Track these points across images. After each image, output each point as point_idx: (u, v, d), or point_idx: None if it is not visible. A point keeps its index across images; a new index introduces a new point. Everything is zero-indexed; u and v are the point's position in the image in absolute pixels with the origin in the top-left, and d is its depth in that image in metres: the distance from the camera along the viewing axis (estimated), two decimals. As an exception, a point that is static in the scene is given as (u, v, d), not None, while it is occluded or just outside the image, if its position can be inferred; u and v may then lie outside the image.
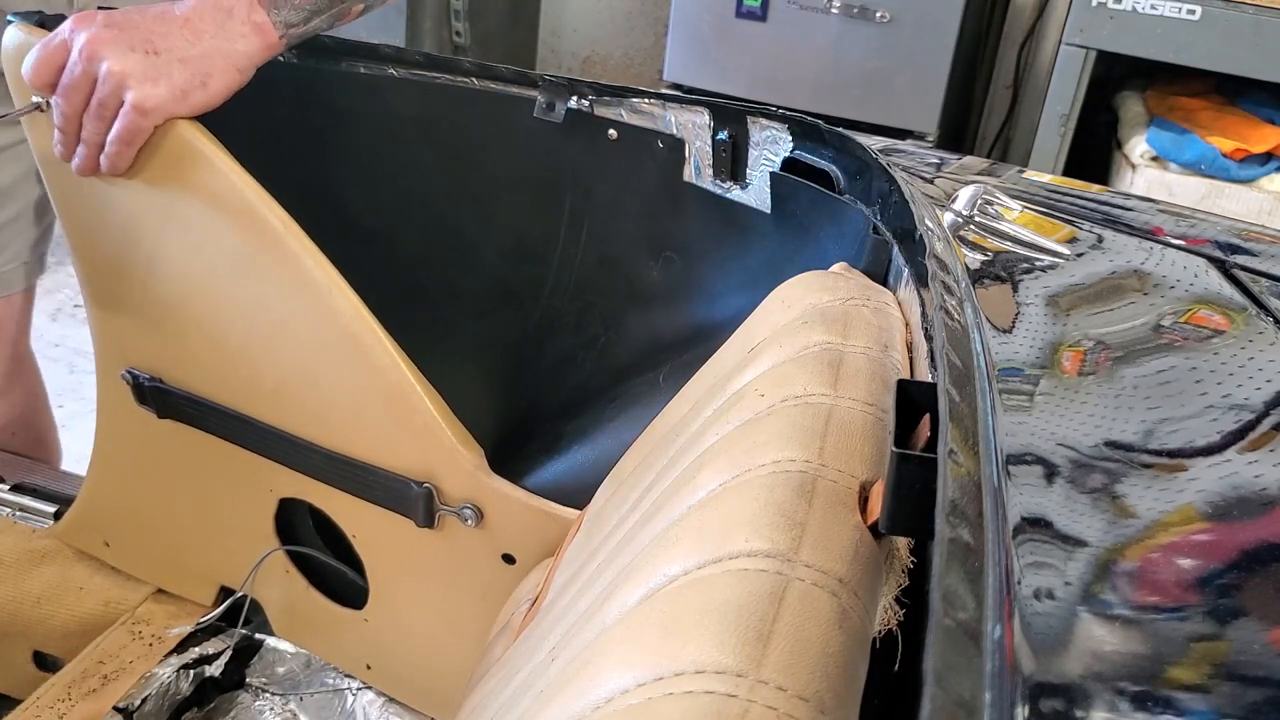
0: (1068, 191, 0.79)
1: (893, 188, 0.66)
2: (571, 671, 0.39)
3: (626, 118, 0.82)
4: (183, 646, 0.96)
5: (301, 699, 0.97)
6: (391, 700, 0.95)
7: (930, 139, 1.93)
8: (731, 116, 0.78)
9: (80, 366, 2.13)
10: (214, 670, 0.96)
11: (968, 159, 0.89)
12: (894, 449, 0.38)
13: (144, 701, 0.91)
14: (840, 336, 0.52)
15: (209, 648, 0.97)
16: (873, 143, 0.72)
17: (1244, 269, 0.62)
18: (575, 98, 0.82)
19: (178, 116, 0.73)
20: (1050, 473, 0.37)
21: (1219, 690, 0.28)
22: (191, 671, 0.95)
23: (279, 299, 0.78)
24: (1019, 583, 0.31)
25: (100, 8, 0.82)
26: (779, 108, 0.77)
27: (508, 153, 0.87)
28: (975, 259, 0.60)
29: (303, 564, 0.95)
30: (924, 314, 0.53)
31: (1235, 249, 0.67)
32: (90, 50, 0.71)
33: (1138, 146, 1.66)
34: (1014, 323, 0.52)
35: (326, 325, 0.77)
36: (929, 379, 0.47)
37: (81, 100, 0.72)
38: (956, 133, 2.21)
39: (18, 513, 1.04)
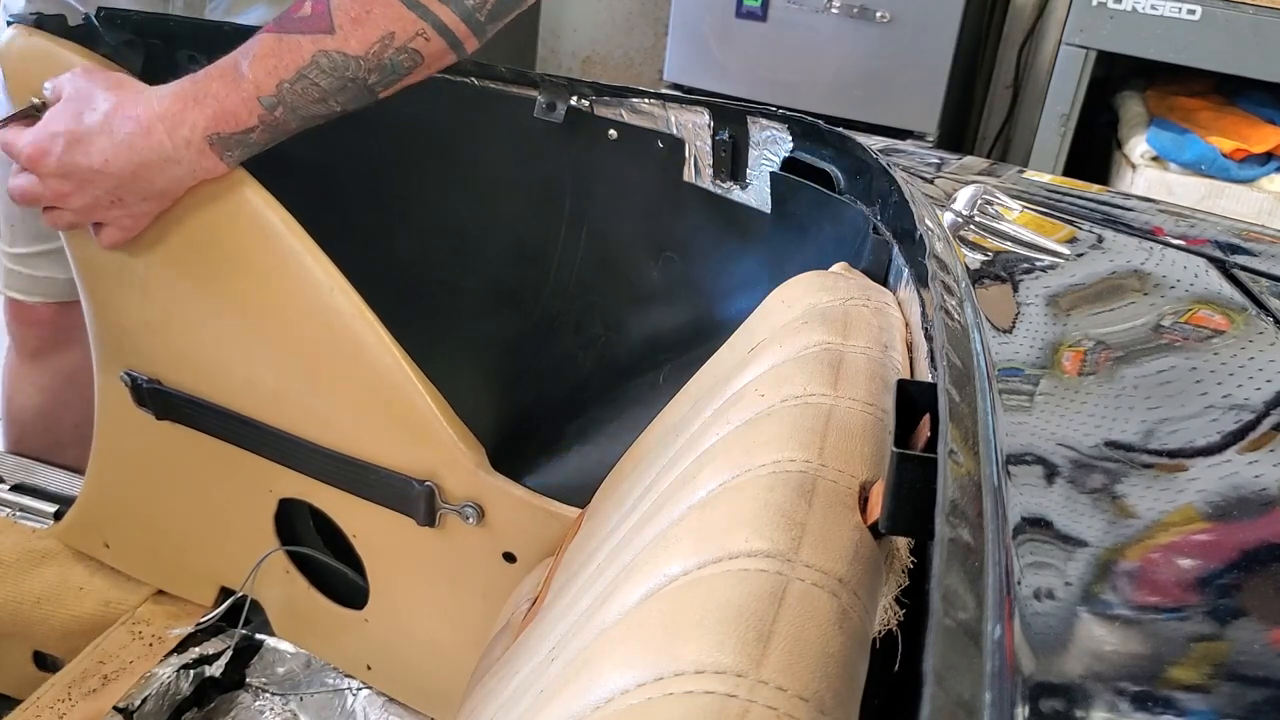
0: (1068, 191, 0.79)
1: (893, 188, 0.66)
2: (571, 671, 0.39)
3: (626, 118, 0.82)
4: (183, 646, 0.96)
5: (301, 699, 0.97)
6: (391, 700, 0.95)
7: (930, 139, 1.93)
8: (731, 116, 0.78)
9: (80, 366, 2.13)
10: (214, 670, 0.96)
11: (968, 159, 0.89)
12: (894, 449, 0.38)
13: (144, 701, 0.91)
14: (840, 336, 0.52)
15: (209, 648, 0.97)
16: (873, 143, 0.72)
17: (1244, 269, 0.62)
18: (575, 98, 0.82)
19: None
20: (1050, 473, 0.37)
21: (1219, 690, 0.28)
22: (191, 671, 0.95)
23: (279, 299, 0.78)
24: (1019, 583, 0.31)
25: (100, 8, 0.82)
26: (779, 108, 0.77)
27: (508, 153, 0.86)
28: (975, 259, 0.60)
29: (303, 564, 0.95)
30: (924, 314, 0.53)
31: (1235, 249, 0.67)
32: (56, 191, 0.74)
33: (1138, 146, 1.66)
34: (1014, 323, 0.52)
35: (327, 325, 0.77)
36: (929, 379, 0.47)
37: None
38: (956, 133, 2.21)
39: (18, 513, 1.04)
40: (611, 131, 0.82)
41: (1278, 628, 0.30)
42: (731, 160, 0.79)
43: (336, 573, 0.95)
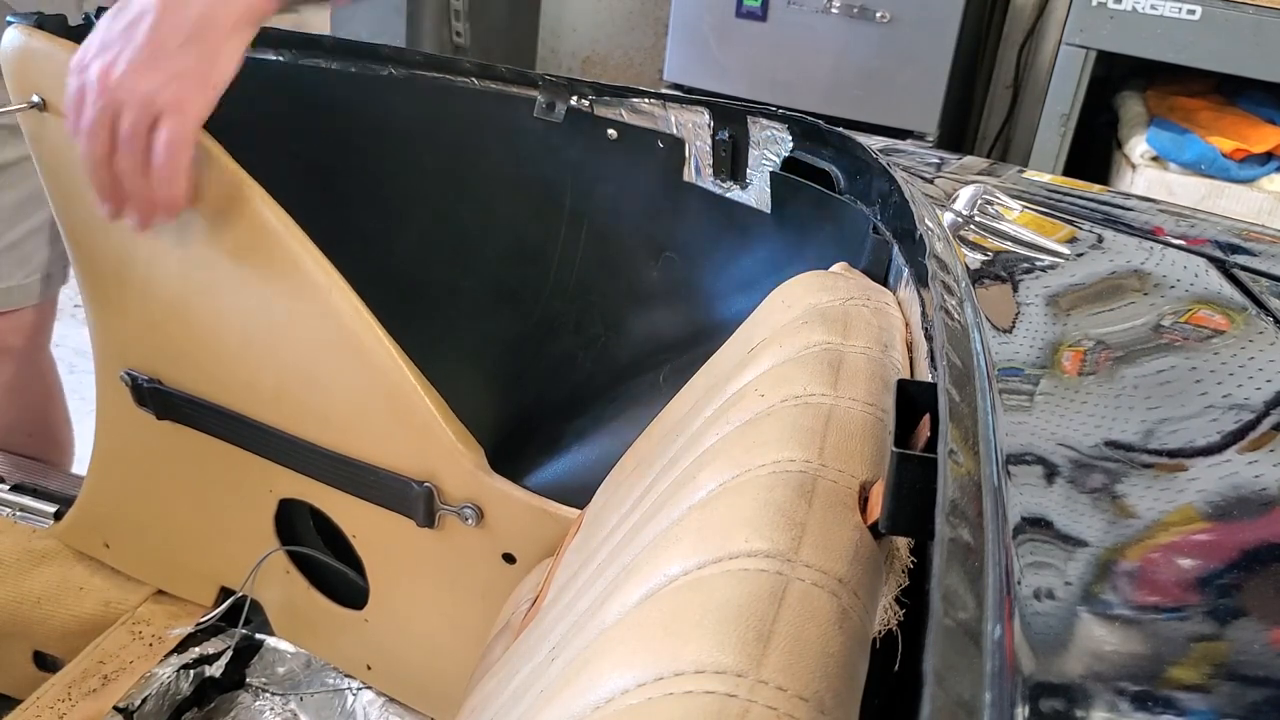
0: (1068, 191, 0.79)
1: (893, 188, 0.66)
2: (571, 671, 0.39)
3: (626, 118, 0.82)
4: (183, 646, 0.96)
5: (301, 699, 0.97)
6: (391, 700, 0.95)
7: (930, 139, 1.93)
8: (731, 116, 0.78)
9: (80, 366, 2.13)
10: (214, 670, 0.96)
11: (968, 159, 0.89)
12: (894, 449, 0.38)
13: (144, 701, 0.91)
14: (840, 336, 0.52)
15: (209, 648, 0.97)
16: (873, 143, 0.72)
17: (1244, 269, 0.62)
18: (575, 98, 0.82)
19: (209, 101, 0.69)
20: (1050, 473, 0.37)
21: (1219, 690, 0.28)
22: (191, 671, 0.95)
23: (279, 299, 0.78)
24: (1019, 583, 0.31)
25: (101, 8, 0.82)
26: (779, 108, 0.77)
27: (508, 153, 0.86)
28: (975, 259, 0.60)
29: (303, 564, 0.95)
30: (924, 314, 0.53)
31: (1235, 249, 0.67)
32: (101, 87, 0.67)
33: (1138, 146, 1.66)
34: (1014, 323, 0.52)
35: (326, 325, 0.77)
36: (929, 379, 0.47)
37: (107, 137, 0.68)
38: (956, 133, 2.21)
39: (18, 513, 1.04)
40: (611, 131, 0.82)
41: (1278, 628, 0.30)
42: (731, 160, 0.79)
43: (336, 573, 0.95)
